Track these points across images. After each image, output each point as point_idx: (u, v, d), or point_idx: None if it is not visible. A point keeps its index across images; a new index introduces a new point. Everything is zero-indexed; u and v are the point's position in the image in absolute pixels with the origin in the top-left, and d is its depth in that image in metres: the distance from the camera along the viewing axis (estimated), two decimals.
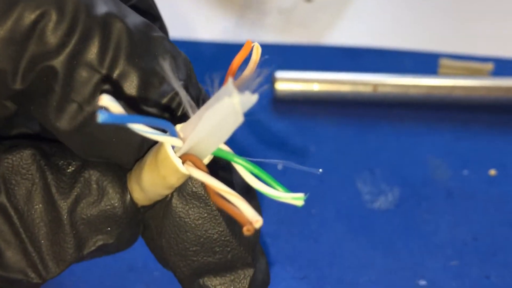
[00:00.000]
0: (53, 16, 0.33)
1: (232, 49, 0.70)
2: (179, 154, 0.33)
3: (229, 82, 0.30)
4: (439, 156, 0.60)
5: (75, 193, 0.36)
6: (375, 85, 0.63)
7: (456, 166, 0.60)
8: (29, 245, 0.35)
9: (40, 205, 0.35)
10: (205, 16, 0.74)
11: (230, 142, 0.35)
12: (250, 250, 0.39)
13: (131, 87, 0.35)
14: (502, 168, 0.59)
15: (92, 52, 0.34)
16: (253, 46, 0.34)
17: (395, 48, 0.70)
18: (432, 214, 0.56)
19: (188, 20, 0.72)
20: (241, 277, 0.39)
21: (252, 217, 0.31)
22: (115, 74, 0.34)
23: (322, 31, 0.73)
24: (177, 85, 0.32)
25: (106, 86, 0.34)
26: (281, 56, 0.69)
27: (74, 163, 0.36)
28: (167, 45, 0.36)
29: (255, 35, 0.72)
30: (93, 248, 0.36)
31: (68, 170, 0.36)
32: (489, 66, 0.67)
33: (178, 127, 0.33)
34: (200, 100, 0.38)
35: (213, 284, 0.38)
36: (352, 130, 0.62)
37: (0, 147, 0.36)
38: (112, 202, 0.36)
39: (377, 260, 0.53)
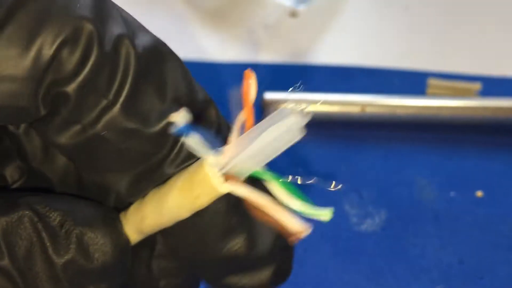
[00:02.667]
0: (69, 45, 0.34)
1: (217, 68, 0.71)
2: (220, 173, 0.34)
3: (283, 107, 0.32)
4: (426, 177, 0.60)
5: (71, 254, 0.37)
6: (363, 106, 0.64)
7: (443, 187, 0.60)
8: None
9: (39, 264, 0.37)
10: (191, 35, 0.74)
11: None
12: (271, 251, 0.39)
13: (133, 110, 0.36)
14: (489, 189, 0.60)
15: (102, 80, 0.35)
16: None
17: (383, 67, 0.70)
18: (419, 237, 0.56)
19: (170, 38, 0.73)
20: (264, 273, 0.39)
21: (298, 227, 0.32)
22: (120, 99, 0.35)
23: (308, 47, 0.73)
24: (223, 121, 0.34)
25: (111, 112, 0.35)
26: (269, 75, 0.70)
27: (66, 222, 0.37)
28: (177, 68, 0.37)
29: (240, 52, 0.72)
30: None
31: (62, 231, 0.37)
32: (477, 85, 0.67)
33: (223, 147, 0.34)
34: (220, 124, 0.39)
35: (236, 281, 0.39)
36: (339, 151, 0.62)
37: None
38: (105, 259, 0.38)
39: (362, 284, 0.53)
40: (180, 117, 0.32)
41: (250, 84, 0.34)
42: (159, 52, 0.38)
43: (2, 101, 0.35)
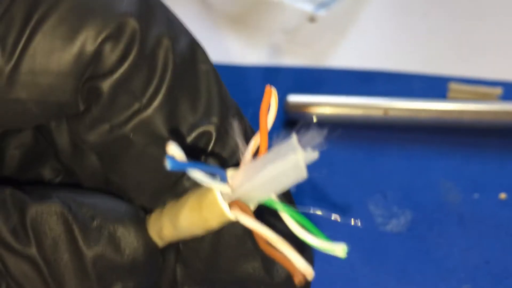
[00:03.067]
0: (112, 41, 0.34)
1: (238, 71, 0.71)
2: (227, 201, 0.33)
3: (293, 138, 0.31)
4: (450, 180, 0.61)
5: (101, 247, 0.37)
6: (386, 109, 0.64)
7: (467, 190, 0.60)
8: None
9: (67, 255, 0.37)
10: (212, 39, 0.74)
11: None
12: (288, 278, 0.39)
13: (164, 119, 0.36)
14: None
15: (138, 81, 0.35)
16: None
17: (403, 71, 0.70)
18: (444, 238, 0.56)
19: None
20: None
21: (303, 269, 0.31)
22: (153, 105, 0.35)
23: (327, 51, 0.73)
24: (240, 142, 0.33)
25: (141, 115, 0.35)
26: (291, 78, 0.70)
27: (97, 217, 0.37)
28: (212, 79, 0.37)
29: (260, 57, 0.72)
30: None
31: (93, 225, 0.37)
32: (498, 90, 0.67)
33: (229, 173, 0.34)
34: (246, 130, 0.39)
35: None
36: (363, 154, 0.63)
37: (27, 197, 0.37)
38: (136, 255, 0.38)
39: (390, 284, 0.53)
40: (174, 152, 0.31)
41: (270, 103, 0.33)
42: (196, 57, 0.38)
43: (44, 95, 0.35)
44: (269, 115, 0.33)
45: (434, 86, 0.69)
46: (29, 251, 0.36)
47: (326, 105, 0.65)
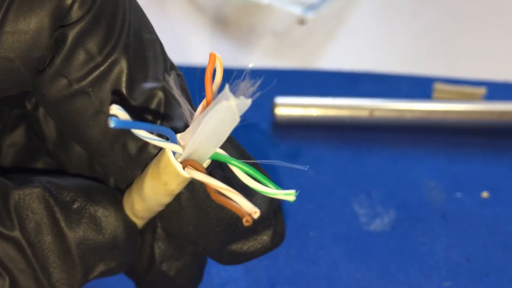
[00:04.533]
0: None
1: (226, 73, 0.71)
2: (180, 159, 0.36)
3: (226, 88, 0.32)
4: (433, 179, 0.61)
5: (83, 228, 0.39)
6: (372, 110, 0.64)
7: (450, 189, 0.61)
8: (40, 273, 0.38)
9: (49, 237, 0.38)
10: (201, 42, 0.75)
11: None
12: (267, 215, 0.42)
13: (119, 75, 0.38)
14: (495, 190, 0.61)
15: (97, 37, 0.37)
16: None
17: (391, 72, 0.71)
18: (427, 237, 0.57)
19: (181, 45, 0.74)
20: (263, 237, 0.42)
21: (249, 209, 0.33)
22: (108, 61, 0.37)
23: (316, 54, 0.74)
24: (183, 101, 0.35)
25: (98, 71, 0.37)
26: (278, 80, 0.69)
27: (78, 199, 0.39)
28: (157, 47, 0.39)
29: (249, 58, 0.73)
30: (97, 273, 0.40)
31: (74, 206, 0.39)
32: (482, 90, 0.68)
33: (179, 135, 0.36)
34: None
35: (240, 247, 0.42)
36: (349, 154, 0.63)
37: (10, 183, 0.39)
38: (116, 233, 0.39)
39: (373, 281, 0.54)
40: (117, 112, 0.33)
41: (212, 66, 0.35)
42: (143, 27, 0.39)
43: (28, 52, 0.37)
44: (215, 80, 0.35)
45: (420, 87, 0.69)
46: (13, 234, 0.38)
47: (313, 106, 0.65)
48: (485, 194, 0.61)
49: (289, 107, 0.65)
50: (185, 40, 0.74)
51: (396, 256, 0.55)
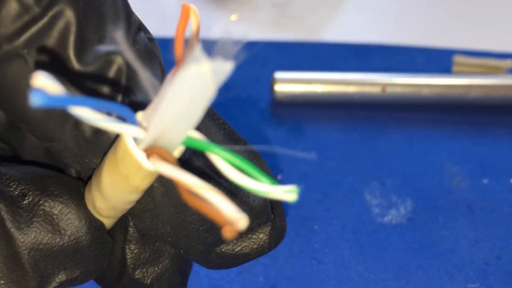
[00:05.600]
0: None
1: None
2: (142, 146, 0.29)
3: (195, 47, 0.26)
4: (456, 164, 0.59)
5: (35, 229, 0.34)
6: (384, 85, 0.62)
7: (475, 174, 0.58)
8: None
9: None
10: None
11: None
12: (264, 208, 0.38)
13: (64, 32, 0.33)
14: None
15: None
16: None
17: (404, 44, 0.69)
18: (450, 230, 0.54)
19: (172, 17, 0.71)
20: (260, 235, 0.38)
21: (232, 216, 0.26)
22: (49, 14, 0.33)
23: (320, 26, 0.73)
24: (137, 66, 0.29)
25: (35, 27, 0.32)
26: (279, 54, 0.68)
27: (30, 193, 0.34)
28: (119, 1, 0.35)
29: (249, 31, 0.71)
30: (56, 284, 0.35)
31: (24, 202, 0.34)
32: (508, 63, 0.65)
33: (140, 114, 0.29)
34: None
35: (232, 249, 0.38)
36: (359, 136, 0.61)
37: None
38: (78, 235, 0.34)
39: (389, 283, 0.51)
40: (45, 83, 0.25)
41: (185, 21, 0.29)
42: None
43: None
44: (190, 39, 0.29)
45: (438, 60, 0.68)
46: None
47: (317, 82, 0.63)
48: None
49: (290, 83, 0.63)
50: (176, 12, 0.71)
51: (415, 253, 0.53)
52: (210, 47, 0.27)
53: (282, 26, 0.72)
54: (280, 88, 0.62)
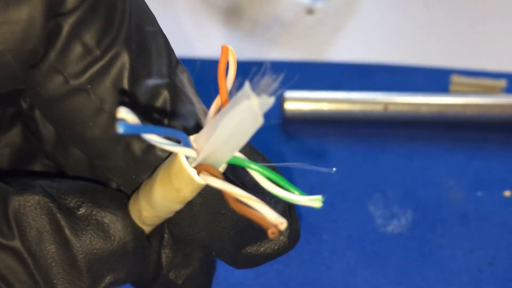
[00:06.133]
0: None
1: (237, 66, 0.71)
2: (194, 164, 0.33)
3: (246, 85, 0.30)
4: (452, 177, 0.60)
5: (89, 236, 0.37)
6: (386, 104, 0.63)
7: (470, 187, 0.59)
8: (43, 285, 0.36)
9: (52, 246, 0.36)
10: (207, 33, 0.74)
11: None
12: (284, 213, 0.40)
13: (120, 70, 0.36)
14: None
15: (94, 29, 0.35)
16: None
17: (405, 64, 0.70)
18: (447, 239, 0.55)
19: (188, 38, 0.73)
20: (280, 237, 0.40)
21: (275, 220, 0.31)
22: (108, 55, 0.35)
23: (325, 45, 0.73)
24: (195, 99, 0.33)
25: (97, 66, 0.35)
26: (287, 73, 0.69)
27: (84, 205, 0.37)
28: (161, 40, 0.38)
29: (256, 50, 0.72)
30: (105, 285, 0.38)
31: (79, 212, 0.37)
32: (502, 82, 0.66)
33: (192, 137, 0.33)
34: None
35: (256, 250, 0.40)
36: (363, 151, 0.62)
37: (9, 188, 0.37)
38: (125, 241, 0.37)
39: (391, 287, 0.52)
40: (126, 115, 0.30)
41: (225, 60, 0.33)
42: (145, 19, 0.37)
43: (19, 44, 0.34)
44: (229, 75, 0.33)
45: (436, 79, 0.68)
46: (12, 243, 0.36)
47: (324, 101, 0.64)
48: (507, 193, 0.59)
49: (299, 101, 0.64)
50: (190, 31, 0.74)
51: (415, 261, 0.54)
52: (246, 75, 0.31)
53: (289, 46, 0.72)
54: (290, 106, 0.63)
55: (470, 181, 0.60)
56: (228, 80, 0.33)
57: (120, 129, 0.29)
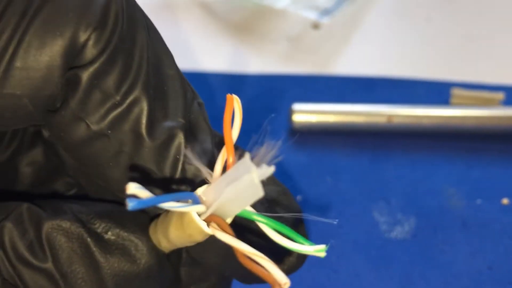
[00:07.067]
0: (97, 33, 0.35)
1: (240, 79, 0.72)
2: (203, 217, 0.35)
3: (246, 157, 0.31)
4: (453, 185, 0.61)
5: (117, 259, 0.38)
6: (390, 116, 0.65)
7: (470, 195, 0.60)
8: None
9: (83, 268, 0.37)
10: (215, 48, 0.75)
11: None
12: (299, 233, 0.40)
13: (139, 115, 0.37)
14: None
15: (113, 76, 0.36)
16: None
17: (407, 77, 0.71)
18: (448, 245, 0.57)
19: (197, 52, 0.74)
20: (290, 258, 0.41)
21: (280, 279, 0.32)
22: (127, 101, 0.36)
23: (331, 59, 0.74)
24: (199, 164, 0.34)
25: (116, 112, 0.36)
26: (292, 86, 0.70)
27: (111, 229, 0.38)
28: (177, 81, 0.38)
29: (264, 64, 0.73)
30: None
31: (107, 237, 0.38)
32: (500, 95, 0.67)
33: (200, 190, 0.35)
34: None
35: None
36: (367, 161, 0.63)
37: (42, 212, 0.38)
38: (150, 264, 0.38)
39: None
40: (136, 191, 0.31)
41: (234, 111, 0.34)
42: (163, 62, 0.38)
43: (37, 89, 0.35)
44: (234, 125, 0.34)
45: (438, 92, 0.69)
46: (45, 265, 0.37)
47: (330, 113, 0.65)
48: (505, 201, 0.60)
49: (306, 113, 0.65)
50: (198, 46, 0.74)
51: (418, 265, 0.55)
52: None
53: (296, 60, 0.73)
54: (298, 118, 0.64)
55: (469, 189, 0.61)
56: (234, 130, 0.34)
57: (130, 206, 0.30)
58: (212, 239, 0.38)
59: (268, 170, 0.32)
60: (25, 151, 0.43)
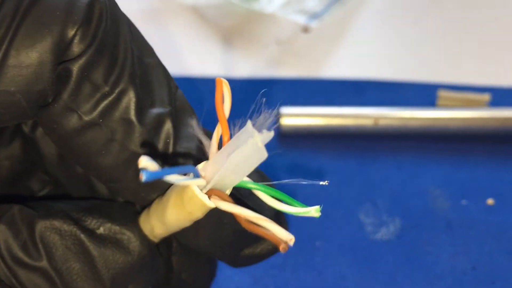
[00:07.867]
0: (83, 29, 0.37)
1: (232, 84, 0.71)
2: (205, 191, 0.36)
3: (248, 124, 0.33)
4: (438, 186, 0.61)
5: (111, 252, 0.39)
6: (376, 118, 0.65)
7: (455, 196, 0.61)
8: None
9: (77, 264, 0.39)
10: (205, 52, 0.75)
11: None
12: (281, 222, 0.41)
13: (127, 103, 0.38)
14: (500, 197, 0.61)
15: (102, 68, 0.37)
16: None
17: (395, 80, 0.71)
18: (433, 245, 0.57)
19: (186, 57, 0.74)
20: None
21: (285, 237, 0.34)
22: (116, 91, 0.38)
23: (320, 62, 0.74)
24: (202, 137, 0.36)
25: (106, 101, 0.38)
26: (282, 89, 0.70)
27: (103, 224, 0.40)
28: (160, 70, 0.40)
29: (254, 68, 0.73)
30: None
31: (99, 232, 0.39)
32: (486, 97, 0.68)
33: (200, 166, 0.36)
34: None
35: (253, 251, 0.43)
36: (354, 163, 0.64)
37: (34, 213, 0.39)
38: (143, 254, 0.40)
39: None
40: (147, 164, 0.33)
41: (223, 93, 0.36)
42: (144, 52, 0.40)
43: (29, 85, 0.37)
44: (225, 105, 0.36)
45: (424, 94, 0.70)
46: (40, 264, 0.38)
47: (318, 116, 0.66)
48: (490, 201, 0.61)
49: (294, 116, 0.66)
50: (188, 50, 0.75)
51: (403, 265, 0.56)
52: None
53: (285, 63, 0.74)
54: (286, 121, 0.65)
55: (455, 190, 0.61)
56: (225, 110, 0.35)
57: (144, 177, 0.32)
58: (203, 221, 0.39)
59: (269, 135, 0.33)
60: (4, 146, 0.44)
